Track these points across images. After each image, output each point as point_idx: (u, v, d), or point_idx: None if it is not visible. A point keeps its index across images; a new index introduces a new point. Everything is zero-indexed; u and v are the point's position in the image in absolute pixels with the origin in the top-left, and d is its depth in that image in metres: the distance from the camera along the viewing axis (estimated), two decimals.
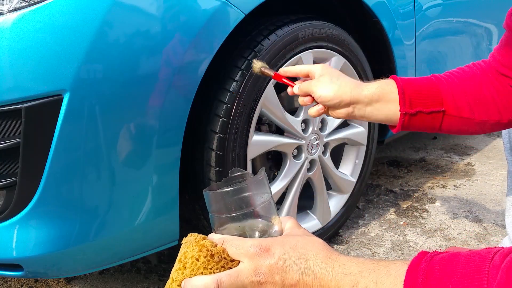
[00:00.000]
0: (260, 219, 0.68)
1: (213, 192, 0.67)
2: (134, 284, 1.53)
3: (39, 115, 0.99)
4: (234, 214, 0.66)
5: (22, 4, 0.98)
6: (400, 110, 0.97)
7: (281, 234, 0.69)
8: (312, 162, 1.61)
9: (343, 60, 1.58)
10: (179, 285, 0.63)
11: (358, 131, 1.74)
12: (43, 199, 1.03)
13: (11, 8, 0.98)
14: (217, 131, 1.29)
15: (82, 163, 1.05)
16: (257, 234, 0.67)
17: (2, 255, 1.07)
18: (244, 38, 1.35)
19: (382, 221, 1.90)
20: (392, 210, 1.99)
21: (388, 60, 1.77)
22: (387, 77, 1.05)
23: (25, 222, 1.05)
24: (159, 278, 1.55)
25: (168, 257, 1.66)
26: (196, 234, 0.66)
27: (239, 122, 1.30)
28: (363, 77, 1.66)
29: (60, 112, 0.99)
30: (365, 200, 2.07)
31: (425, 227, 1.85)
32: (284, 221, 0.70)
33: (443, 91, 0.97)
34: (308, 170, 1.60)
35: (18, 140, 0.99)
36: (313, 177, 1.63)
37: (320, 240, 0.65)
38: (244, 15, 1.23)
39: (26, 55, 0.97)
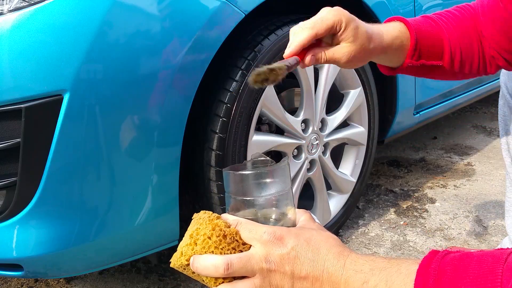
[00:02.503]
0: (275, 207, 0.67)
1: (233, 173, 0.66)
2: (134, 284, 1.53)
3: (39, 115, 0.99)
4: (251, 198, 0.66)
5: (22, 4, 0.98)
6: (405, 62, 0.96)
7: (294, 225, 0.68)
8: (312, 162, 1.61)
9: None
10: (188, 260, 0.63)
11: (358, 131, 1.74)
12: (43, 199, 1.03)
13: (11, 8, 0.98)
14: (217, 131, 1.29)
15: (82, 163, 1.05)
16: (270, 221, 0.66)
17: (2, 255, 1.07)
18: (244, 38, 1.35)
19: (382, 221, 1.90)
20: (392, 210, 1.99)
21: None
22: (386, 78, 1.04)
23: (25, 222, 1.05)
24: (159, 278, 1.55)
25: (168, 257, 1.66)
26: (210, 212, 0.66)
27: (239, 122, 1.30)
28: (363, 77, 1.66)
29: (60, 112, 0.99)
30: (365, 200, 2.07)
31: (425, 227, 1.85)
32: (299, 214, 0.70)
33: (445, 46, 0.98)
34: (308, 170, 1.60)
35: (18, 140, 0.99)
36: (313, 177, 1.63)
37: (334, 236, 0.65)
38: (244, 15, 1.23)
39: (26, 55, 0.97)
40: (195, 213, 0.68)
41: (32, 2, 0.98)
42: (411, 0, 1.80)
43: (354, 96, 1.67)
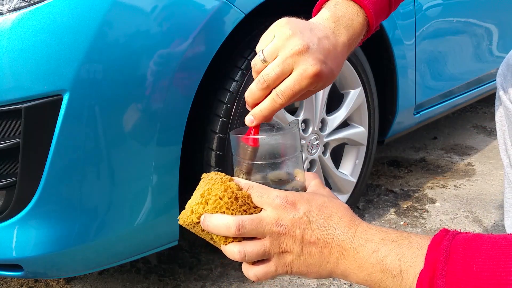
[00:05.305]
0: (285, 171, 0.67)
1: (243, 137, 0.66)
2: (134, 284, 1.52)
3: (39, 115, 0.99)
4: (262, 163, 0.66)
5: (22, 4, 0.98)
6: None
7: (304, 189, 0.69)
8: (312, 162, 1.61)
9: None
10: (198, 218, 0.63)
11: (358, 131, 1.74)
12: (43, 199, 1.03)
13: (11, 8, 0.98)
14: (217, 131, 1.29)
15: (81, 163, 1.05)
16: (281, 185, 0.66)
17: (2, 255, 1.07)
18: (244, 38, 1.35)
19: (382, 221, 1.90)
20: (392, 210, 1.99)
21: (388, 60, 1.77)
22: (387, 78, 0.98)
23: (25, 222, 1.05)
24: (159, 278, 1.55)
25: (168, 257, 1.66)
26: (223, 174, 0.66)
27: (239, 122, 1.30)
28: (363, 77, 1.66)
29: (60, 112, 0.99)
30: (365, 200, 2.07)
31: (425, 227, 1.85)
32: (309, 177, 0.70)
33: None
34: (308, 170, 1.60)
35: (18, 140, 0.99)
36: None
37: (345, 205, 0.65)
38: (244, 15, 1.23)
39: (26, 55, 0.97)
40: (204, 173, 0.68)
41: (32, 2, 0.98)
42: (411, 0, 1.79)
43: (354, 96, 1.67)
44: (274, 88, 0.69)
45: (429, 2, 1.90)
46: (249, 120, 0.70)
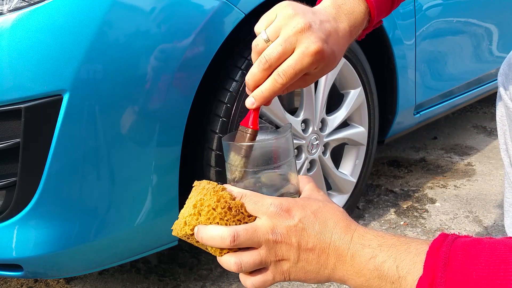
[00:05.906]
0: (279, 177, 0.66)
1: (236, 144, 0.65)
2: (134, 284, 1.52)
3: (39, 115, 0.99)
4: (255, 169, 0.65)
5: (22, 4, 0.98)
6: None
7: (299, 194, 0.68)
8: (312, 162, 1.61)
9: (343, 60, 1.58)
10: (192, 229, 0.62)
11: (358, 131, 1.74)
12: (43, 199, 1.03)
13: (11, 8, 0.98)
14: (217, 131, 1.29)
15: (81, 163, 1.05)
16: (275, 191, 0.66)
17: (2, 255, 1.07)
18: (244, 38, 1.35)
19: (382, 221, 1.90)
20: (392, 210, 1.99)
21: (388, 60, 1.77)
22: (387, 78, 0.98)
23: (25, 222, 1.05)
24: (159, 278, 1.55)
25: (168, 257, 1.66)
26: (215, 183, 0.65)
27: (239, 122, 1.30)
28: (363, 77, 1.66)
29: (60, 112, 0.99)
30: (365, 200, 2.07)
31: (425, 227, 1.85)
32: (303, 181, 0.69)
33: None
34: (308, 170, 1.60)
35: (18, 140, 0.99)
36: (313, 177, 1.62)
37: (341, 209, 0.64)
38: (244, 15, 1.23)
39: (26, 55, 0.97)
40: (196, 181, 0.67)
41: (32, 2, 0.98)
42: (411, 0, 1.79)
43: (354, 96, 1.67)
44: (276, 68, 0.68)
45: (429, 2, 1.90)
46: (250, 102, 0.68)
